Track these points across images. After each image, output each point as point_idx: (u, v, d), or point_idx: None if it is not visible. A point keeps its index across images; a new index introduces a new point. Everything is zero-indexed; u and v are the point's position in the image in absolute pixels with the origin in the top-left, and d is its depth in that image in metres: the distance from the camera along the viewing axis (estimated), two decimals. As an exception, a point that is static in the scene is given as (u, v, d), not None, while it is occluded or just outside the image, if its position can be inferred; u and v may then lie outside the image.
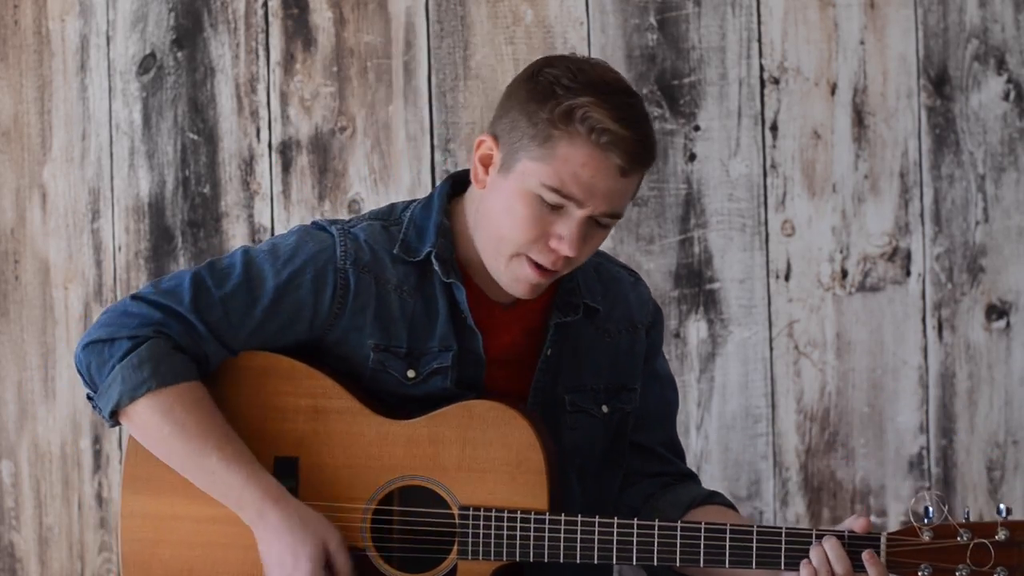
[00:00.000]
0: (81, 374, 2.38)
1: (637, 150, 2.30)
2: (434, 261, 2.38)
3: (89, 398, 2.39)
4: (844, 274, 3.37)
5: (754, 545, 2.28)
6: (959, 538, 2.27)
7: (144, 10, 3.45)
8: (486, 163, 2.35)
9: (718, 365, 3.37)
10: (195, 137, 3.45)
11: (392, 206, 2.49)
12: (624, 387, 2.49)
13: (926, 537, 2.27)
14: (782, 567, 2.28)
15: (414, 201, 2.48)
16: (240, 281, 2.37)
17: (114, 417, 2.36)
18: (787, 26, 3.37)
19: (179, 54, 3.45)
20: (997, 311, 3.35)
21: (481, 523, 2.32)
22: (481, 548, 2.32)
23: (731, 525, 2.29)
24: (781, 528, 2.28)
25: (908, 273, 3.36)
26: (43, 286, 3.47)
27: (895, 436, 3.34)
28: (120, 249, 3.46)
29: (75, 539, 3.46)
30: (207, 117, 3.45)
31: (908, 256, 3.36)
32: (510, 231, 2.32)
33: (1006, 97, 3.35)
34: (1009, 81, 3.35)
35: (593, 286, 2.47)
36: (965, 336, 3.35)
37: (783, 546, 2.28)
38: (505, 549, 2.31)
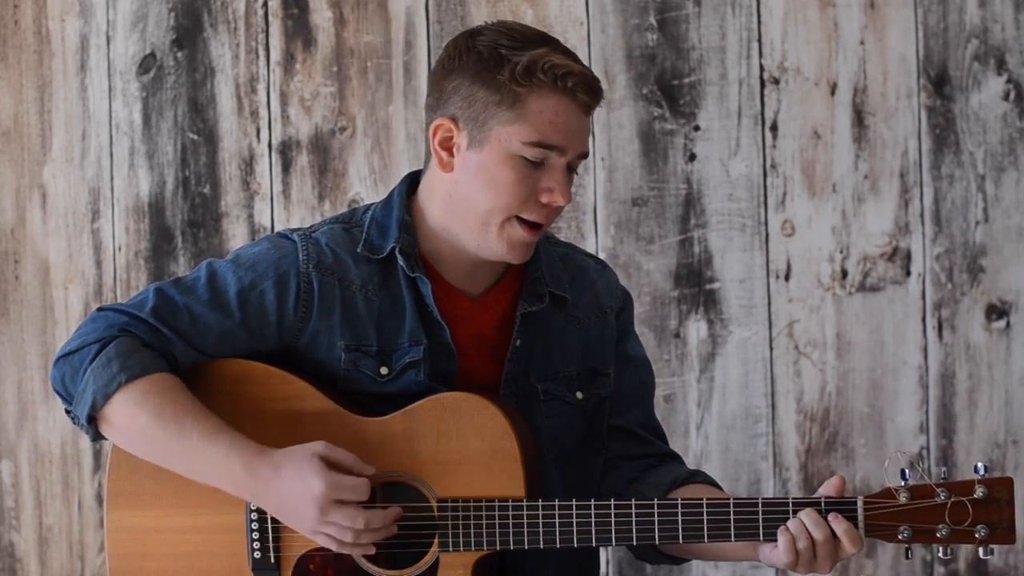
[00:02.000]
0: (57, 391, 2.40)
1: (596, 84, 2.37)
2: (398, 256, 2.41)
3: (68, 412, 2.40)
4: (844, 274, 3.37)
5: (731, 518, 2.28)
6: (936, 498, 2.25)
7: (144, 10, 3.45)
8: (447, 146, 2.39)
9: (718, 365, 3.37)
10: (195, 137, 3.45)
11: (353, 210, 2.52)
12: (597, 372, 2.51)
13: (903, 499, 2.25)
14: (760, 538, 2.29)
15: (374, 204, 2.50)
16: (204, 291, 2.40)
17: (92, 424, 2.36)
18: (787, 26, 3.37)
19: (179, 54, 3.45)
20: (997, 311, 3.35)
21: (460, 514, 2.33)
22: (461, 539, 2.33)
23: (707, 499, 2.30)
24: (758, 499, 2.29)
25: (908, 273, 3.36)
26: (43, 286, 3.47)
27: (895, 436, 3.34)
28: (120, 249, 3.46)
29: (75, 539, 3.46)
30: (207, 117, 3.45)
31: (908, 256, 3.36)
32: (499, 199, 2.35)
33: (1006, 97, 3.35)
34: (1009, 81, 3.35)
35: (559, 275, 2.51)
36: (965, 336, 3.35)
37: (760, 517, 2.28)
38: (485, 539, 2.33)
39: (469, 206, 2.37)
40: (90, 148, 3.46)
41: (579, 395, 2.48)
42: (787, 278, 3.37)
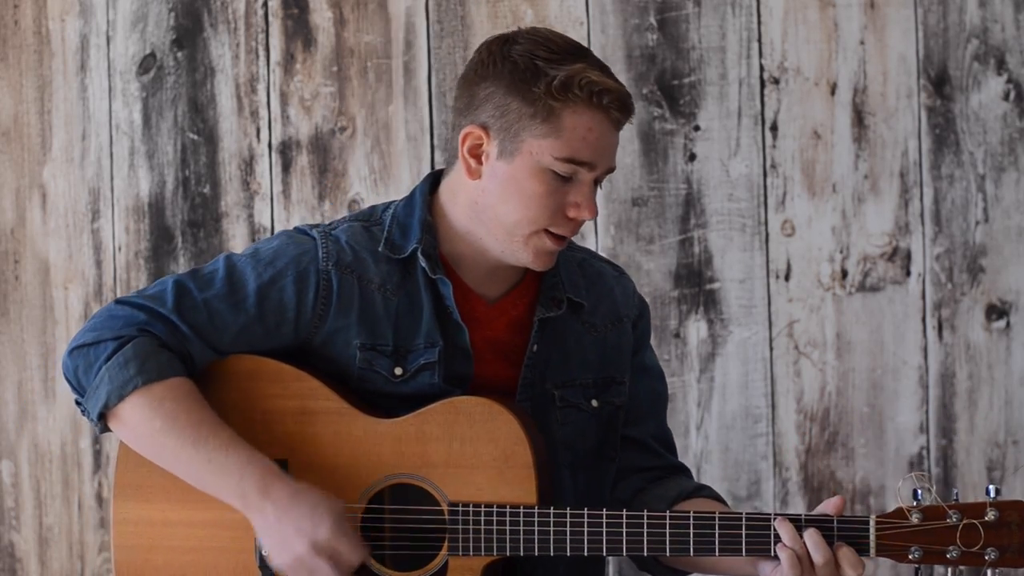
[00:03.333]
0: (69, 380, 2.39)
1: (629, 100, 2.37)
2: (420, 257, 2.40)
3: (78, 403, 2.40)
4: (844, 274, 3.37)
5: (743, 532, 2.29)
6: (948, 519, 2.26)
7: (144, 10, 3.45)
8: (476, 154, 2.37)
9: (718, 365, 3.37)
10: (195, 137, 3.45)
11: (373, 208, 2.51)
12: (613, 380, 2.51)
13: (915, 519, 2.27)
14: (772, 553, 2.29)
15: (393, 202, 2.49)
16: (222, 285, 2.39)
17: (103, 420, 2.36)
18: (787, 26, 3.37)
19: (179, 54, 3.45)
20: (997, 311, 3.35)
21: (471, 519, 2.33)
22: (471, 544, 2.33)
23: (719, 513, 2.30)
24: (770, 515, 2.29)
25: (908, 273, 3.36)
26: (43, 286, 3.47)
27: (895, 436, 3.34)
28: (120, 249, 3.46)
29: (75, 539, 3.46)
30: (207, 117, 3.45)
31: (908, 256, 3.36)
32: (527, 211, 2.35)
33: (1006, 97, 3.35)
34: (1009, 81, 3.35)
35: (577, 281, 2.50)
36: (965, 336, 3.35)
37: (772, 532, 2.28)
38: (495, 544, 2.32)
39: (496, 215, 2.37)
40: (90, 148, 3.46)
41: (594, 403, 2.48)
42: (787, 278, 3.37)
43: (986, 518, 2.25)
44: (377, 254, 2.41)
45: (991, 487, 2.28)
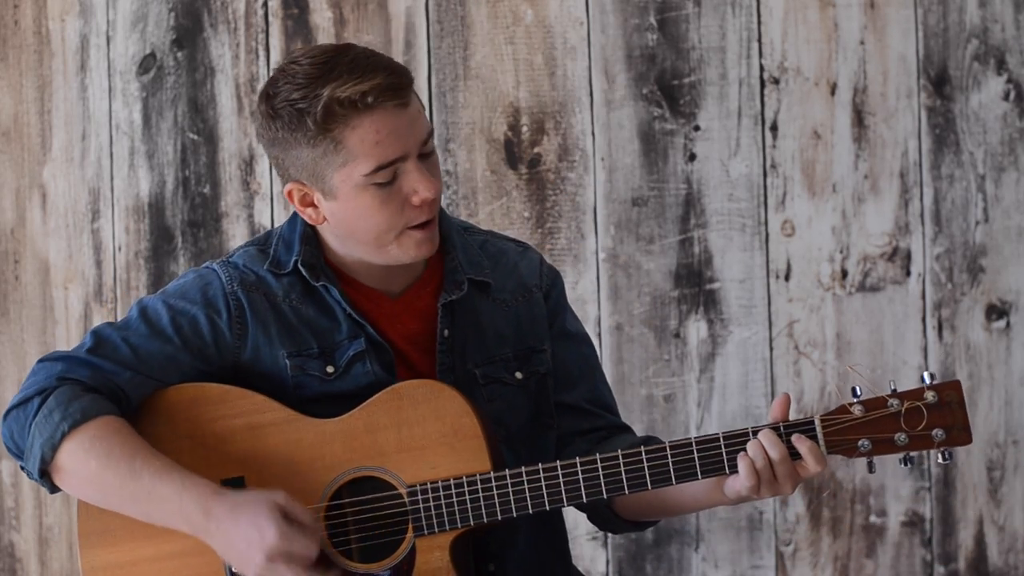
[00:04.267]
0: (10, 450, 2.42)
1: (394, 81, 2.35)
2: (301, 268, 2.45)
3: (22, 468, 2.42)
4: (844, 274, 3.37)
5: (695, 455, 2.32)
6: (890, 406, 2.30)
7: (144, 10, 3.45)
8: (309, 202, 2.42)
9: (718, 365, 3.37)
10: (195, 137, 3.45)
11: (268, 232, 2.57)
12: (533, 350, 2.54)
13: (857, 412, 2.30)
14: (726, 471, 2.32)
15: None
16: (139, 324, 2.44)
17: (47, 478, 2.39)
18: (787, 26, 3.37)
19: (179, 54, 3.45)
20: (997, 311, 3.35)
21: (431, 497, 2.36)
22: (435, 521, 2.36)
23: (670, 442, 2.34)
24: (718, 434, 2.32)
25: (908, 273, 3.36)
26: (43, 286, 3.47)
27: (895, 436, 3.34)
28: (120, 249, 3.46)
29: (75, 539, 3.46)
30: (207, 117, 3.45)
31: (908, 256, 3.36)
32: (378, 224, 2.38)
33: (1006, 97, 3.35)
34: (1009, 81, 3.35)
35: (479, 262, 2.54)
36: (965, 336, 3.35)
37: (723, 450, 2.32)
38: (458, 516, 2.36)
39: (357, 239, 2.41)
40: (90, 148, 3.46)
41: (519, 375, 2.51)
42: (787, 278, 3.37)
43: (926, 400, 2.29)
44: (272, 271, 2.47)
45: (926, 373, 2.32)
